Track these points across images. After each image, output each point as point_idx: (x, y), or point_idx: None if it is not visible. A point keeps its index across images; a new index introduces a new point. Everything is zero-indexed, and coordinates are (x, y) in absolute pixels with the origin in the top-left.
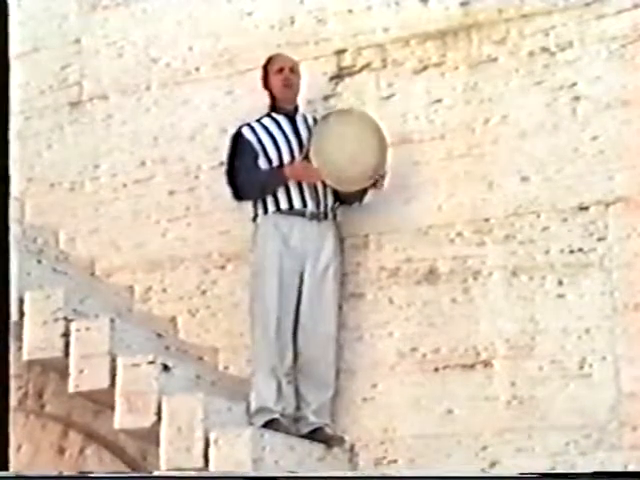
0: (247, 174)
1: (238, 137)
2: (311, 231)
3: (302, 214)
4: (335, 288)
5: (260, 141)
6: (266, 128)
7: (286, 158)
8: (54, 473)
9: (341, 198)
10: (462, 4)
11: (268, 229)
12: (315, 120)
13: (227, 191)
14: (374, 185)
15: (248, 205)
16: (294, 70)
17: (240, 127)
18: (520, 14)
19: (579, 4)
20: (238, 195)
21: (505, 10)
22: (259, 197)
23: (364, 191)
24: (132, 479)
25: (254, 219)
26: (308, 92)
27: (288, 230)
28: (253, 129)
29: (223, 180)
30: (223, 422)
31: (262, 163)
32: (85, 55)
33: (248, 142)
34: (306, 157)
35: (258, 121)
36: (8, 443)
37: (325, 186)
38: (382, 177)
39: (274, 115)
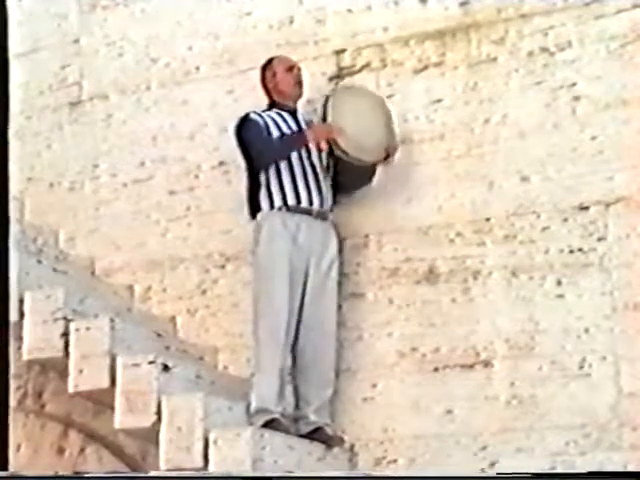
0: (264, 142)
1: (246, 120)
2: (316, 230)
3: (309, 212)
4: (337, 287)
5: (267, 126)
6: (272, 118)
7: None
8: (54, 473)
9: (348, 183)
10: (461, 4)
11: (275, 226)
12: (312, 123)
13: (227, 190)
14: (386, 159)
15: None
16: (300, 70)
17: (246, 113)
18: (519, 14)
19: (578, 4)
20: (253, 165)
21: (504, 10)
22: (278, 159)
23: (373, 172)
24: (132, 479)
25: (254, 216)
26: (308, 92)
27: (295, 228)
28: (261, 116)
29: (223, 179)
30: (223, 422)
31: None
32: (85, 55)
33: (257, 123)
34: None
35: (263, 112)
36: (8, 443)
37: (327, 185)
38: (394, 150)
39: (277, 110)
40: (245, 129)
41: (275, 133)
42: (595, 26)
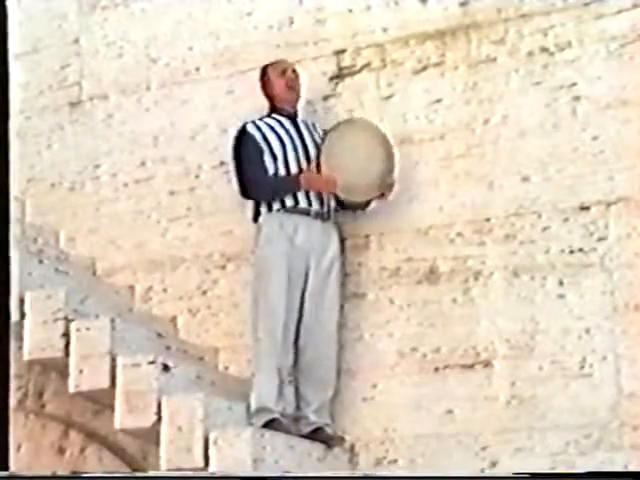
0: (257, 174)
1: (243, 134)
2: (316, 230)
3: (307, 213)
4: (338, 288)
5: (265, 138)
6: (270, 126)
7: (290, 155)
8: (54, 473)
9: (345, 204)
10: (461, 4)
11: (273, 229)
12: (314, 126)
13: (228, 191)
14: (382, 195)
15: (249, 205)
16: (295, 72)
17: (244, 124)
18: (519, 14)
19: (578, 4)
20: (246, 193)
21: (504, 10)
22: (269, 200)
23: (368, 201)
24: (132, 479)
25: (255, 219)
26: (308, 92)
27: (293, 229)
28: (257, 126)
29: (224, 180)
30: (223, 422)
31: (267, 160)
32: (85, 55)
33: (253, 138)
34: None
35: (261, 119)
36: (8, 443)
37: None
38: (390, 187)
39: (275, 116)
40: (242, 150)
41: (273, 142)
42: (595, 26)
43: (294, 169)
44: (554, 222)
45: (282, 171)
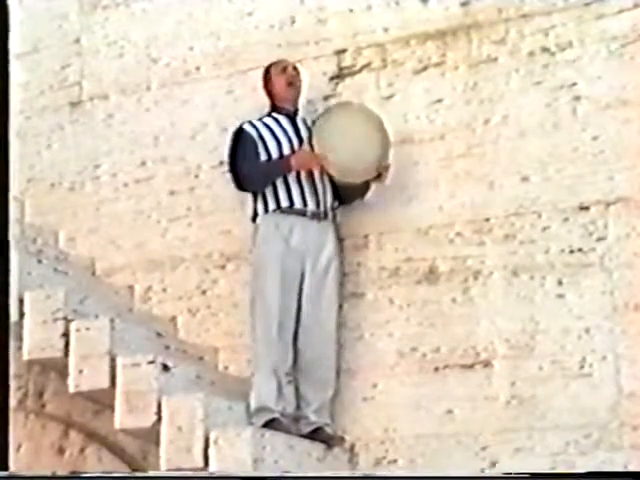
0: (250, 165)
1: (239, 132)
2: (312, 230)
3: (303, 213)
4: (336, 287)
5: (261, 136)
6: (267, 125)
7: (286, 153)
8: (54, 473)
9: (342, 196)
10: (462, 4)
11: (269, 229)
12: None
13: (227, 190)
14: (378, 178)
15: (248, 205)
16: (296, 69)
17: (241, 124)
18: (520, 14)
19: (579, 4)
20: (241, 186)
21: (505, 10)
22: (262, 187)
23: (366, 187)
24: (132, 479)
25: (253, 219)
26: (308, 92)
27: (288, 230)
28: (254, 125)
29: (223, 179)
30: (223, 422)
31: (262, 156)
32: (85, 55)
33: (249, 136)
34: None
35: (259, 120)
36: (8, 443)
37: (325, 185)
38: (386, 169)
39: (274, 115)
40: (238, 148)
41: (269, 141)
42: (596, 26)
43: None
44: (554, 222)
45: None
